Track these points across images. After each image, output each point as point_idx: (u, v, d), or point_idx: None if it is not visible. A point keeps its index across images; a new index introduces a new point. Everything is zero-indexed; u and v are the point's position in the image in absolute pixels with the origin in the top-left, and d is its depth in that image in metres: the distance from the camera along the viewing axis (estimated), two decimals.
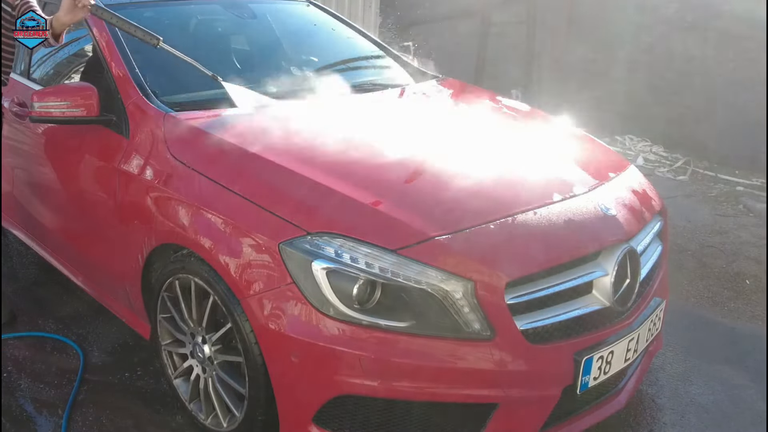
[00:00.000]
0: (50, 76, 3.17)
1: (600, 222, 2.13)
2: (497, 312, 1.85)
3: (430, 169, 2.23)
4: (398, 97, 2.93)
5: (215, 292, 2.09)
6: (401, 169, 2.22)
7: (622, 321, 2.14)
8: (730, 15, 5.87)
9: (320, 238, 1.89)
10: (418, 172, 2.21)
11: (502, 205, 2.05)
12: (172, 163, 2.29)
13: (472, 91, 3.27)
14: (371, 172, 2.17)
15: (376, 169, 2.19)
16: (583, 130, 2.88)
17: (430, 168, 2.23)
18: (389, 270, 1.83)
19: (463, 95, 3.19)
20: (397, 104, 2.85)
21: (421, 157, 2.31)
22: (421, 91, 3.07)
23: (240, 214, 2.04)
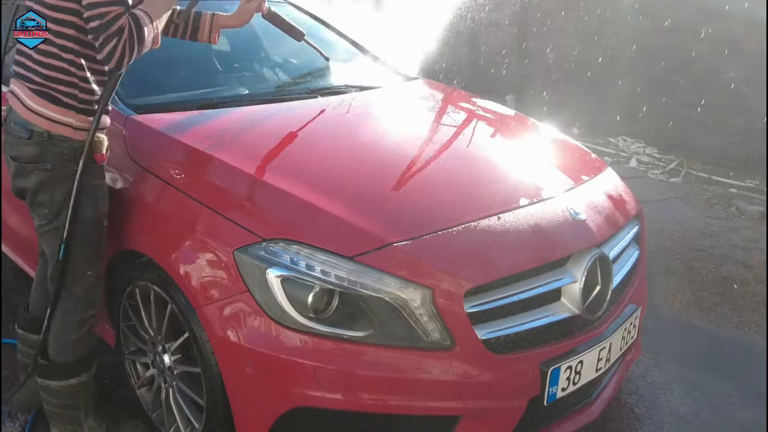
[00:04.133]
0: None
1: (568, 227, 2.06)
2: (456, 321, 1.78)
3: (394, 173, 2.16)
4: (371, 100, 2.86)
5: (173, 301, 2.03)
6: (362, 173, 2.15)
7: (593, 329, 2.07)
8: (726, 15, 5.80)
9: (276, 245, 1.83)
10: (381, 176, 2.14)
11: (466, 210, 1.99)
12: (132, 167, 2.23)
13: (447, 93, 3.20)
14: (331, 176, 2.10)
15: (336, 174, 2.13)
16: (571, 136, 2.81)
17: (394, 172, 2.17)
18: (346, 278, 1.77)
19: (438, 97, 3.12)
20: (369, 107, 2.79)
21: (385, 161, 2.24)
22: (396, 93, 3.00)
23: (196, 219, 1.98)
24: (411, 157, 2.28)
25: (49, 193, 1.98)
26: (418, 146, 2.37)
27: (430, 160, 2.28)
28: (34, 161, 1.96)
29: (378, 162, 2.24)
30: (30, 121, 1.94)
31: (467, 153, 2.39)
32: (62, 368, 2.14)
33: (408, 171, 2.18)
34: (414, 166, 2.21)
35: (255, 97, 2.72)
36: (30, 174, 1.97)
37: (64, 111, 1.96)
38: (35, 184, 1.98)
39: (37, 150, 1.95)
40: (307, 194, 1.95)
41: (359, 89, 2.96)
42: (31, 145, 1.95)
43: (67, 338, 2.12)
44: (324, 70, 3.25)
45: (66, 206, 1.98)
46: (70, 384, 2.16)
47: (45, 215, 2.01)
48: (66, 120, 1.96)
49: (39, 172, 1.97)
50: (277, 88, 2.95)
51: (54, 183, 1.97)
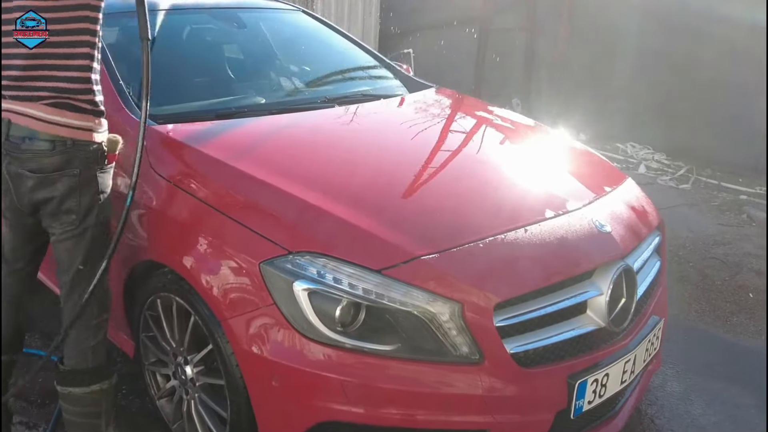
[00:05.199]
0: None
1: (594, 239, 2.06)
2: (486, 335, 1.77)
3: (419, 185, 2.16)
4: (388, 109, 2.86)
5: (196, 313, 2.02)
6: (388, 185, 2.14)
7: (618, 342, 2.06)
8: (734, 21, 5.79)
9: (302, 258, 1.82)
10: (406, 188, 2.13)
11: (492, 222, 1.98)
12: (154, 178, 2.22)
13: (465, 102, 3.19)
14: (355, 187, 2.10)
15: (362, 186, 2.12)
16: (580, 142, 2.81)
17: (419, 184, 2.16)
18: (373, 291, 1.76)
19: (456, 107, 3.11)
20: (388, 116, 2.78)
21: (410, 172, 2.23)
22: (414, 103, 2.99)
23: (221, 231, 1.97)
24: (434, 168, 2.27)
25: (77, 198, 1.97)
26: (441, 157, 2.36)
27: (453, 171, 2.27)
28: (60, 169, 1.94)
29: (402, 173, 2.23)
30: (51, 133, 1.91)
31: (490, 164, 2.38)
32: (84, 375, 2.13)
33: (432, 182, 2.17)
34: (438, 178, 2.20)
35: (273, 107, 2.71)
36: (56, 182, 1.95)
37: (85, 117, 1.95)
38: (63, 192, 1.95)
39: (63, 158, 1.93)
40: (332, 206, 1.94)
41: (376, 97, 2.96)
42: (55, 155, 1.93)
43: (87, 344, 2.11)
44: (340, 78, 3.25)
45: (92, 210, 1.98)
46: (92, 390, 2.15)
47: (72, 221, 1.99)
48: (87, 125, 1.96)
49: (67, 179, 1.94)
50: (294, 97, 2.94)
51: (81, 188, 1.97)
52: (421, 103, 3.02)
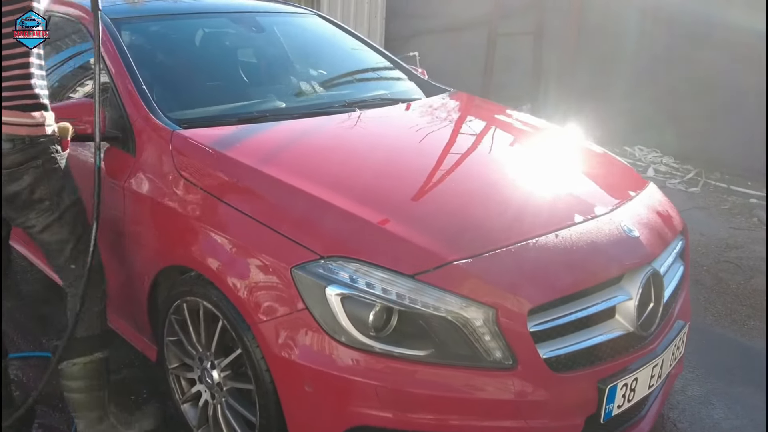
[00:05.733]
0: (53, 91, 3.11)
1: (623, 244, 2.06)
2: (520, 340, 1.77)
3: (447, 189, 2.16)
4: (410, 113, 2.86)
5: (224, 317, 2.02)
6: (417, 190, 2.14)
7: (646, 346, 2.06)
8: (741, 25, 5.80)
9: (334, 263, 1.82)
10: (435, 193, 2.13)
11: (522, 227, 1.98)
12: (181, 183, 2.22)
13: (485, 106, 3.20)
14: (386, 192, 2.10)
15: (391, 190, 2.12)
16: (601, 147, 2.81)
17: (447, 189, 2.16)
18: (406, 296, 1.76)
19: (476, 110, 3.12)
20: (409, 120, 2.78)
21: (438, 177, 2.23)
22: (433, 106, 3.00)
23: (251, 236, 1.97)
24: (462, 172, 2.27)
25: (46, 186, 2.11)
26: (467, 161, 2.37)
27: (480, 175, 2.28)
28: (23, 163, 2.07)
29: (429, 177, 2.23)
30: (9, 133, 2.04)
31: (517, 168, 2.38)
32: (90, 342, 2.30)
33: (461, 187, 2.17)
34: (466, 182, 2.20)
35: (294, 111, 2.72)
36: (23, 175, 2.08)
37: (36, 114, 2.09)
38: (30, 183, 2.09)
39: (23, 154, 2.07)
40: (363, 211, 1.94)
41: (396, 101, 2.97)
42: (17, 152, 2.06)
43: (93, 311, 2.29)
44: (358, 82, 3.25)
45: (62, 192, 2.14)
46: (97, 358, 2.31)
47: (47, 207, 2.13)
48: (40, 121, 2.10)
49: (32, 171, 2.08)
50: (314, 101, 2.94)
51: (47, 175, 2.11)
52: (441, 107, 3.02)
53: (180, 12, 3.21)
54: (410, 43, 8.30)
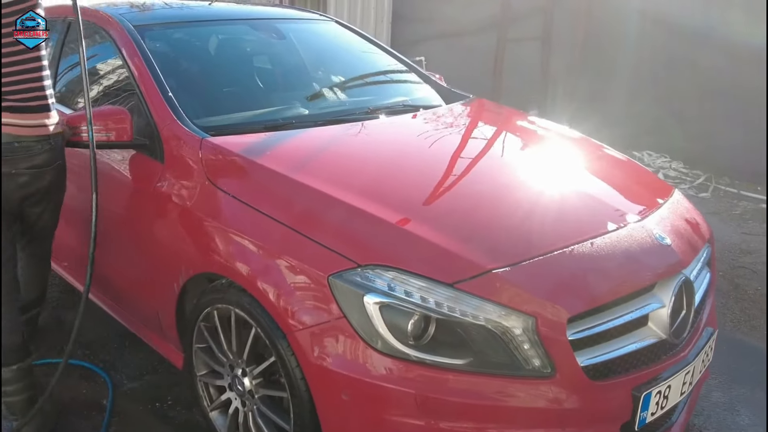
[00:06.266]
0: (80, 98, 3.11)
1: (656, 252, 2.07)
2: (559, 348, 1.78)
3: (481, 197, 2.16)
4: (434, 120, 2.86)
5: (258, 325, 2.02)
6: (450, 198, 2.15)
7: (678, 353, 2.06)
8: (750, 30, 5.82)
9: (372, 271, 1.82)
10: (470, 201, 2.13)
11: (557, 235, 1.98)
12: (212, 190, 2.22)
13: (506, 113, 3.21)
14: (421, 201, 2.10)
15: (425, 198, 2.12)
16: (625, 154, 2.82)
17: (482, 197, 2.16)
18: (445, 305, 1.76)
19: (499, 117, 3.13)
20: (435, 127, 2.78)
21: (471, 185, 2.24)
22: (455, 113, 3.00)
23: (285, 244, 1.97)
24: (494, 181, 2.28)
25: (63, 181, 2.43)
26: (498, 169, 2.37)
27: (512, 183, 2.28)
28: (51, 164, 2.30)
29: (462, 185, 2.23)
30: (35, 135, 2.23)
31: (547, 176, 2.38)
32: None
33: (494, 194, 2.18)
34: (498, 189, 2.21)
35: (319, 118, 2.72)
36: (46, 174, 2.30)
37: (53, 114, 2.32)
38: (50, 181, 2.33)
39: (50, 154, 2.30)
40: (399, 219, 1.94)
41: (418, 108, 2.97)
42: (44, 152, 2.27)
43: None
44: (378, 88, 3.26)
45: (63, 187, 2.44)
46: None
47: (60, 199, 2.47)
48: (56, 120, 2.33)
49: (53, 170, 2.33)
50: (337, 108, 2.95)
51: (63, 173, 2.41)
52: (464, 113, 3.03)
53: (201, 19, 3.21)
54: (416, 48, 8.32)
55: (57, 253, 3.25)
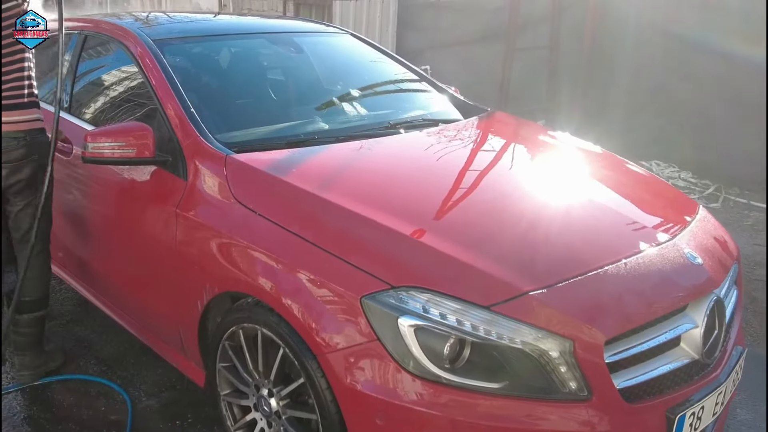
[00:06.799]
0: (97, 113, 3.10)
1: (689, 271, 2.05)
2: (596, 371, 1.76)
3: (512, 216, 2.14)
4: (457, 135, 2.85)
5: (286, 345, 1.99)
6: (483, 216, 2.13)
7: (710, 374, 2.05)
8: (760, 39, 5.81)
9: (406, 293, 1.80)
10: (501, 219, 2.12)
11: (591, 255, 1.97)
12: (237, 208, 2.20)
13: (527, 127, 3.19)
14: (452, 219, 2.08)
15: (458, 217, 2.11)
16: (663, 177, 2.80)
17: (512, 215, 2.15)
18: (481, 327, 1.74)
19: (522, 132, 3.10)
20: (458, 143, 2.76)
21: (500, 203, 2.22)
22: (476, 128, 2.98)
23: (317, 264, 1.95)
24: (523, 198, 2.26)
25: (41, 176, 2.55)
26: (525, 186, 2.35)
27: (541, 201, 2.26)
28: (26, 157, 2.56)
29: (491, 204, 2.22)
30: (11, 131, 2.50)
31: (576, 194, 2.36)
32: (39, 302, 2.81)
33: (524, 213, 2.16)
34: (529, 208, 2.19)
35: (340, 133, 2.70)
36: (23, 168, 2.58)
37: (31, 111, 2.57)
38: (29, 175, 2.60)
39: (26, 149, 2.56)
40: (431, 239, 1.92)
41: (437, 122, 2.95)
42: (20, 147, 2.55)
43: (46, 278, 2.85)
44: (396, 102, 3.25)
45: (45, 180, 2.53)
46: (41, 315, 2.85)
47: (32, 193, 2.63)
48: (35, 116, 2.59)
49: (31, 164, 2.59)
50: (357, 122, 2.93)
51: (42, 168, 2.55)
52: (485, 127, 3.01)
53: (218, 33, 3.21)
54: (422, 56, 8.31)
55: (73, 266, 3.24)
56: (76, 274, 3.25)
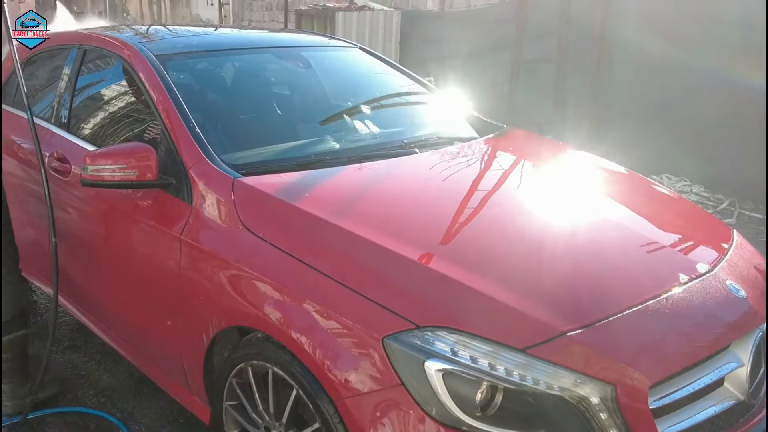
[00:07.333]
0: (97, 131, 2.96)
1: (733, 306, 1.91)
2: (640, 418, 1.62)
3: (543, 247, 1.99)
4: (475, 155, 2.70)
5: (300, 386, 1.85)
6: (513, 247, 1.98)
7: (755, 415, 1.91)
8: None
9: (432, 333, 1.65)
10: (533, 251, 1.96)
11: (630, 289, 1.82)
12: (246, 236, 2.06)
13: (547, 146, 3.06)
14: (480, 252, 1.93)
15: (484, 248, 1.96)
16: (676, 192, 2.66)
17: (543, 246, 2.00)
18: (515, 372, 1.60)
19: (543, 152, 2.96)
20: (477, 165, 2.61)
21: (528, 233, 2.06)
22: (495, 147, 2.83)
23: (334, 300, 1.80)
24: (555, 227, 2.11)
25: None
26: (555, 213, 2.19)
27: (573, 230, 2.11)
28: None
29: (520, 232, 2.06)
30: None
31: (609, 221, 2.21)
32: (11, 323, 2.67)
33: (559, 243, 2.01)
34: (560, 238, 2.04)
35: (352, 153, 2.55)
36: None
37: None
38: None
39: None
40: (459, 274, 1.77)
41: (453, 141, 2.81)
42: None
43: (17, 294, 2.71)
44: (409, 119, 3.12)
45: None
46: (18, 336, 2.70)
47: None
48: None
49: None
50: (369, 141, 2.78)
51: None
52: (503, 147, 2.86)
53: (224, 47, 3.08)
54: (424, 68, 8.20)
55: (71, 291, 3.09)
56: (74, 298, 3.10)
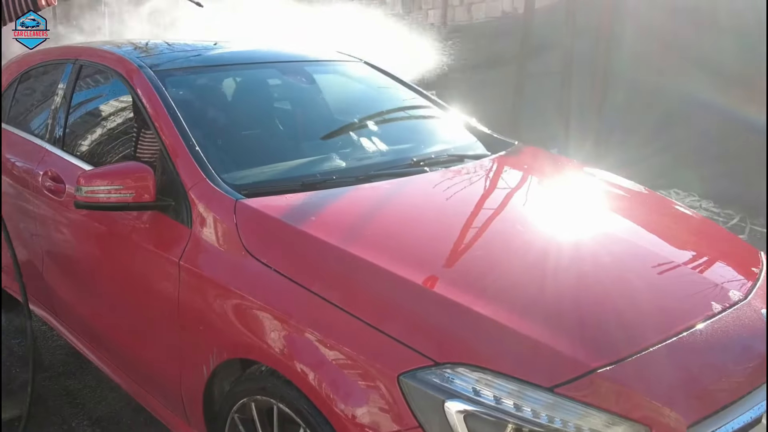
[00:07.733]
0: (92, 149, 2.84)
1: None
2: None
3: (567, 276, 1.85)
4: (489, 174, 2.58)
5: (308, 425, 1.72)
6: (535, 276, 1.85)
7: None
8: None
9: (452, 370, 1.53)
10: (557, 281, 1.83)
11: (662, 321, 1.70)
12: (249, 262, 1.94)
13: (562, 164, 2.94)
14: (501, 281, 1.81)
15: (506, 278, 1.83)
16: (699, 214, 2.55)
17: (567, 275, 1.86)
18: (543, 413, 1.47)
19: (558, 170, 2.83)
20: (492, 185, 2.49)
21: (553, 260, 1.93)
22: (508, 165, 2.70)
23: (342, 332, 1.68)
24: (579, 254, 1.98)
25: None
26: (577, 239, 2.06)
27: (597, 255, 1.98)
28: None
29: (543, 260, 1.93)
30: None
31: (632, 245, 2.08)
32: None
33: (584, 272, 1.88)
34: (588, 266, 1.91)
35: (360, 172, 2.43)
36: None
37: None
38: None
39: None
40: (480, 304, 1.65)
41: (464, 158, 2.69)
42: None
43: None
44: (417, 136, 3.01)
45: None
46: None
47: None
48: None
49: None
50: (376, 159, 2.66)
51: None
52: (517, 165, 2.73)
53: (225, 63, 2.97)
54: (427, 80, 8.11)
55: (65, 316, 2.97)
56: (68, 323, 2.97)
